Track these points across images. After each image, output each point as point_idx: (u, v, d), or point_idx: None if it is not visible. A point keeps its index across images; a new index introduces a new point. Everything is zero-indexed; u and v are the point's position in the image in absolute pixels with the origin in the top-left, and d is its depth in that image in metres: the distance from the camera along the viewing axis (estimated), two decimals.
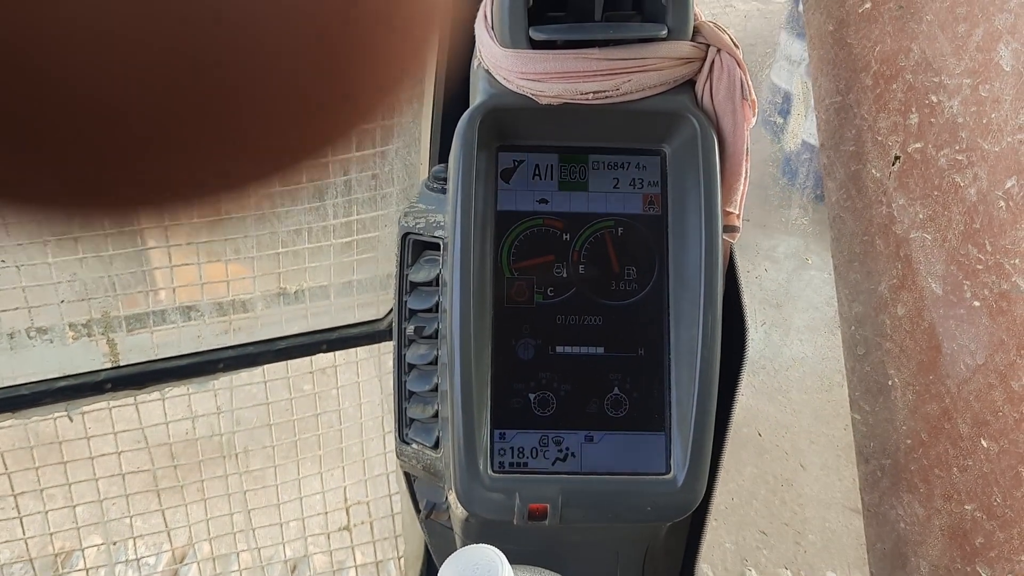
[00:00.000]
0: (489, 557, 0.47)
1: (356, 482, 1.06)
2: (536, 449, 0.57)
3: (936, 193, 0.60)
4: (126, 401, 0.88)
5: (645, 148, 0.59)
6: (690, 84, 0.57)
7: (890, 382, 0.67)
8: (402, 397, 0.62)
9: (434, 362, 0.60)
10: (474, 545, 0.48)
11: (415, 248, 0.61)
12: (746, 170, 0.60)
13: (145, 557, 1.09)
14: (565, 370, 0.58)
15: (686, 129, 0.57)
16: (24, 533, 0.93)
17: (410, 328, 0.61)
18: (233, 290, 0.90)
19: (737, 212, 0.61)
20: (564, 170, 0.59)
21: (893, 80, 0.62)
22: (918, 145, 0.61)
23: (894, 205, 0.64)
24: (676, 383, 0.57)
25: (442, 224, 0.59)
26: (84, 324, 0.86)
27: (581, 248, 0.59)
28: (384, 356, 0.99)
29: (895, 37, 0.61)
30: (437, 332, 0.60)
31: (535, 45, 0.56)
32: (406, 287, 0.61)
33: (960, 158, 0.57)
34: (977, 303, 0.57)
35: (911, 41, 0.60)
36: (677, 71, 0.56)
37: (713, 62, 0.56)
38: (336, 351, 0.95)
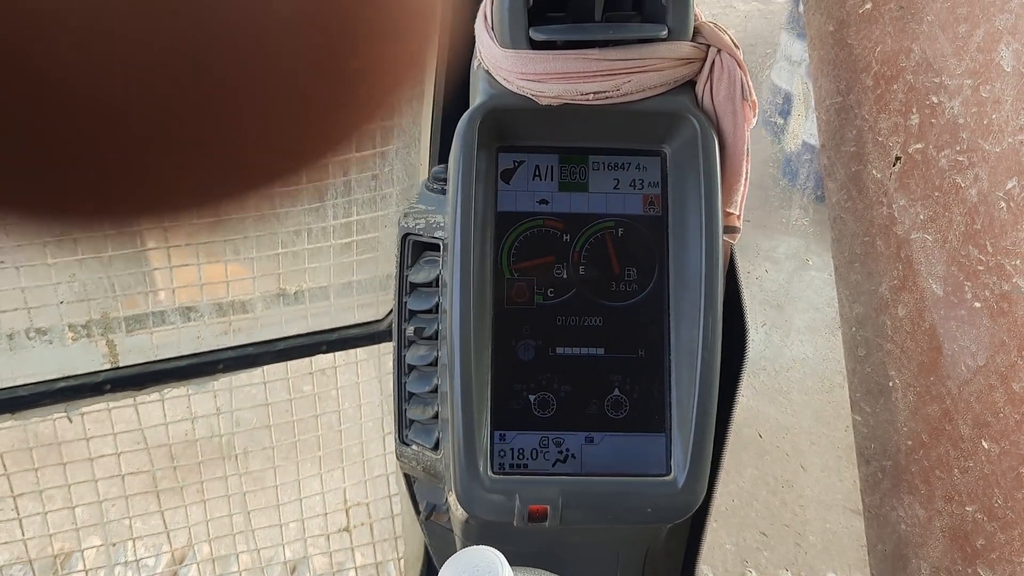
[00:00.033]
0: (489, 559, 0.47)
1: (356, 483, 1.06)
2: (536, 450, 0.57)
3: (937, 194, 0.59)
4: (126, 402, 0.88)
5: (645, 149, 0.59)
6: (690, 85, 0.57)
7: (891, 383, 0.67)
8: (402, 398, 0.62)
9: (434, 363, 0.60)
10: (474, 546, 0.48)
11: (415, 249, 0.61)
12: (746, 171, 0.60)
13: (145, 558, 1.08)
14: (565, 371, 0.58)
15: (686, 130, 0.57)
16: (23, 534, 0.93)
17: (410, 329, 0.61)
18: (233, 291, 0.90)
19: (737, 213, 0.61)
20: (564, 171, 0.59)
21: (894, 81, 0.62)
22: (919, 146, 0.61)
23: (895, 206, 0.64)
24: (676, 384, 0.57)
25: (442, 225, 0.59)
26: (83, 325, 0.85)
27: (581, 249, 0.59)
28: (384, 357, 0.99)
29: (896, 38, 0.61)
30: (437, 333, 0.60)
31: (535, 46, 0.55)
32: (406, 288, 0.61)
33: (961, 159, 0.57)
34: (978, 304, 0.57)
35: (912, 42, 0.60)
36: (677, 72, 0.56)
37: (713, 63, 0.56)
38: (336, 352, 0.95)
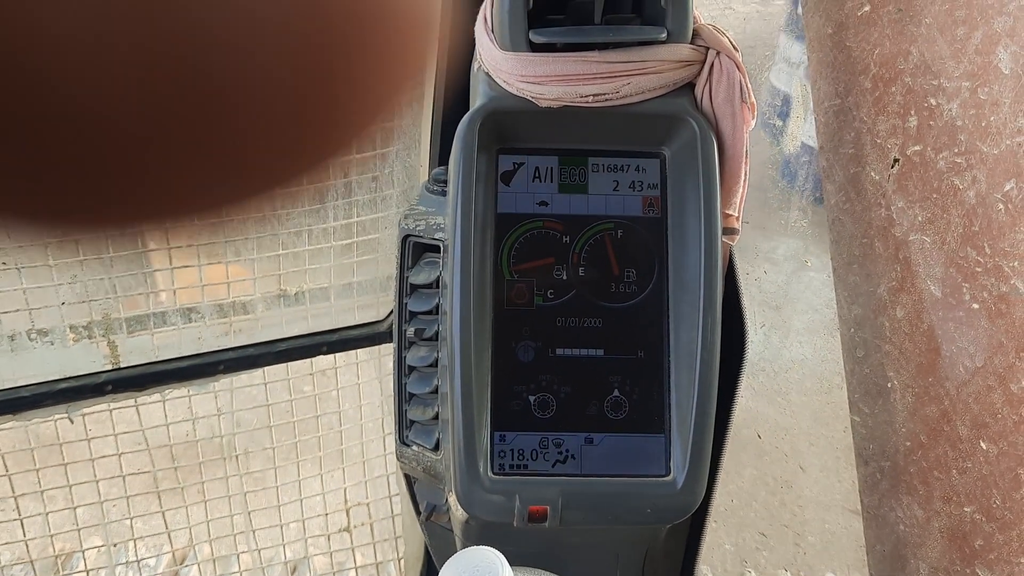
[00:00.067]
0: (489, 559, 0.47)
1: (356, 484, 1.06)
2: (536, 451, 0.57)
3: (935, 196, 0.60)
4: (127, 403, 0.89)
5: (645, 151, 0.59)
6: (689, 87, 0.58)
7: (889, 384, 0.68)
8: (402, 399, 0.62)
9: (434, 364, 0.60)
10: (474, 547, 0.48)
11: (415, 250, 0.61)
12: (745, 172, 0.60)
13: (146, 559, 1.09)
14: (565, 372, 0.58)
15: (685, 132, 0.57)
16: (25, 535, 0.94)
17: (410, 330, 0.61)
18: (233, 292, 0.90)
19: (736, 214, 0.61)
20: (564, 172, 0.59)
21: (892, 83, 0.62)
22: (917, 148, 0.61)
23: (893, 208, 0.64)
24: (676, 385, 0.57)
25: (442, 226, 0.60)
26: (85, 326, 0.86)
27: (581, 250, 0.59)
28: (384, 358, 0.99)
29: (894, 40, 0.62)
30: (437, 334, 0.60)
31: (535, 48, 0.56)
32: (406, 289, 0.61)
33: (959, 161, 0.57)
34: (976, 305, 0.57)
35: (910, 44, 0.60)
36: (676, 74, 0.56)
37: (712, 65, 0.57)
38: (336, 353, 0.95)
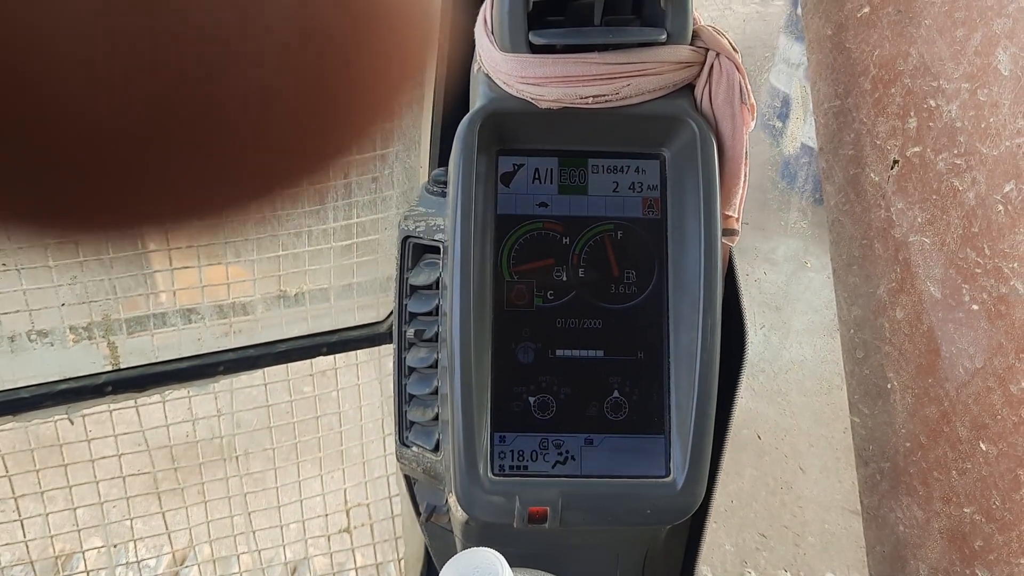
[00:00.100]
0: (489, 560, 0.47)
1: (356, 484, 1.06)
2: (536, 452, 0.57)
3: (935, 197, 0.60)
4: (126, 404, 0.89)
5: (644, 152, 0.60)
6: (689, 88, 0.58)
7: (889, 385, 0.68)
8: (402, 400, 0.62)
9: (434, 365, 0.60)
10: (474, 548, 0.48)
11: (415, 251, 0.61)
12: (745, 173, 0.60)
13: (146, 559, 1.09)
14: (565, 373, 0.58)
15: (685, 133, 0.57)
16: (25, 536, 0.94)
17: (410, 331, 0.61)
18: (233, 293, 0.90)
19: (736, 215, 0.61)
20: (564, 174, 0.59)
21: (892, 84, 0.62)
22: (916, 149, 0.61)
23: (893, 209, 0.64)
24: (676, 386, 0.57)
25: (442, 227, 0.60)
26: (85, 327, 0.86)
27: (581, 252, 0.59)
28: (384, 359, 0.99)
29: (894, 41, 0.62)
30: (437, 335, 0.60)
31: (535, 49, 0.56)
32: (406, 290, 0.61)
33: (958, 162, 0.57)
34: (976, 307, 0.57)
35: (910, 45, 0.60)
36: (676, 75, 0.56)
37: (712, 66, 0.57)
38: (336, 354, 0.95)
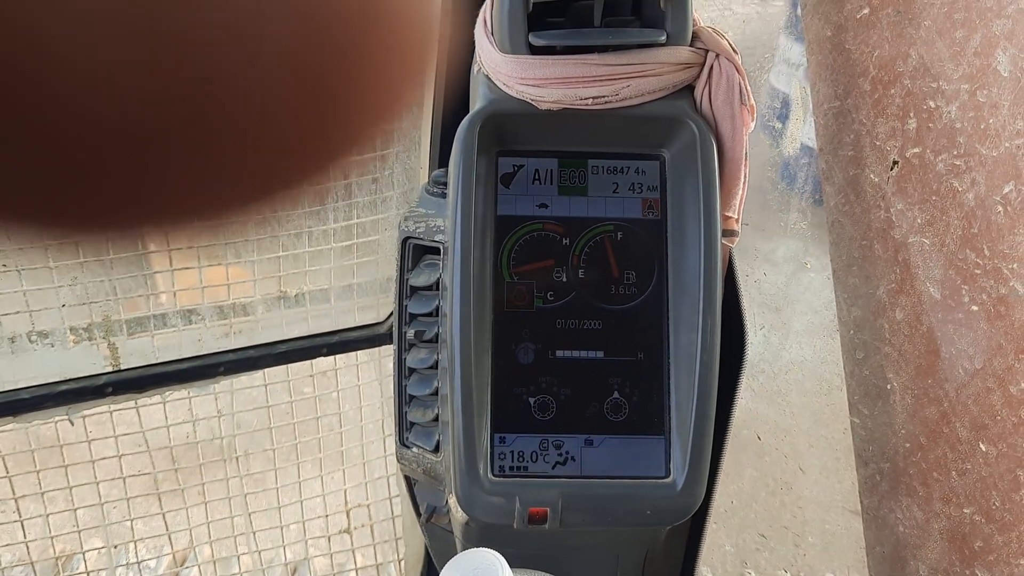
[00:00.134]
0: (489, 561, 0.47)
1: (356, 485, 1.06)
2: (536, 453, 0.57)
3: (934, 198, 0.60)
4: (127, 404, 0.89)
5: (644, 153, 0.60)
6: (689, 89, 0.58)
7: (889, 386, 0.68)
8: (402, 401, 0.62)
9: (434, 366, 0.60)
10: (474, 549, 0.48)
11: (415, 252, 0.61)
12: (745, 174, 0.60)
13: (146, 560, 1.09)
14: (565, 374, 0.58)
15: (685, 134, 0.57)
16: (25, 536, 0.94)
17: (410, 332, 0.61)
18: (234, 293, 0.90)
19: (736, 216, 0.61)
20: (564, 175, 0.59)
21: (891, 85, 0.63)
22: (916, 150, 0.61)
23: (892, 210, 0.64)
24: (676, 387, 0.57)
25: (442, 228, 0.60)
26: (85, 328, 0.86)
27: (581, 252, 0.59)
28: (384, 359, 0.99)
29: (893, 42, 0.62)
30: (437, 336, 0.60)
31: (535, 51, 0.56)
32: (406, 291, 0.61)
33: (958, 163, 0.57)
34: (975, 307, 0.57)
35: (909, 46, 0.60)
36: (676, 76, 0.56)
37: (712, 67, 0.57)
38: (336, 354, 0.95)
